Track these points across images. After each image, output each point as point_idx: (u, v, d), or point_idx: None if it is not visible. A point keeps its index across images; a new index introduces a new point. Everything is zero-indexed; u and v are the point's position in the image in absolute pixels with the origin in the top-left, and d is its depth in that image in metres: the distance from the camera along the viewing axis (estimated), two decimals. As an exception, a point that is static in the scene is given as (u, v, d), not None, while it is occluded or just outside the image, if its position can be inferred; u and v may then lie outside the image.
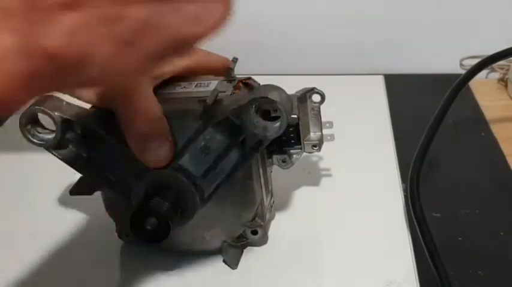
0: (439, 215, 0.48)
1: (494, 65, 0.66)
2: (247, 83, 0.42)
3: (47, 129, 0.39)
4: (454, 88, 0.52)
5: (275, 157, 0.43)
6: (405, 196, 0.47)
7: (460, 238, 0.46)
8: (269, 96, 0.36)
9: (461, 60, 0.70)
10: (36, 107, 0.38)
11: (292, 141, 0.43)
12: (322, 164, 0.53)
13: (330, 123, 0.44)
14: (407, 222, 0.46)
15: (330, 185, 0.51)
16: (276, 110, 0.37)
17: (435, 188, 0.51)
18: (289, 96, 0.38)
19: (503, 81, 0.67)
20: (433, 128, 0.50)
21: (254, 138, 0.37)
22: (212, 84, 0.41)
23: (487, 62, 0.54)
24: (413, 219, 0.44)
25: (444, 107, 0.51)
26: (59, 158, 0.40)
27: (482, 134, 0.59)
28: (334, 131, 0.45)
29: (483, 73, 0.65)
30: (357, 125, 0.59)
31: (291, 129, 0.42)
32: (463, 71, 0.55)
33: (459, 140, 0.58)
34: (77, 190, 0.43)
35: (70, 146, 0.40)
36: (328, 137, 0.44)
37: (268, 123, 0.37)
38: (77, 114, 0.38)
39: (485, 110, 0.62)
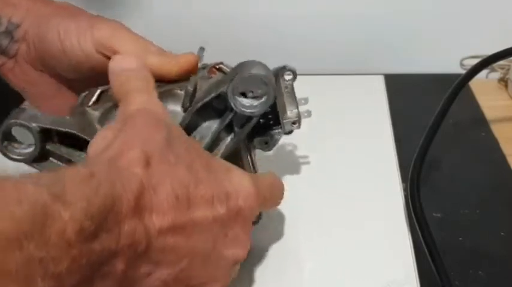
0: (439, 215, 0.48)
1: (495, 65, 0.65)
2: (220, 68, 0.41)
3: (23, 143, 0.38)
4: (455, 88, 0.52)
5: (256, 140, 0.43)
6: (405, 196, 0.47)
7: (460, 238, 0.46)
8: (255, 72, 0.35)
9: (462, 60, 0.70)
10: (12, 120, 0.37)
11: (271, 122, 0.42)
12: (322, 164, 0.53)
13: (306, 100, 0.44)
14: (407, 222, 0.46)
15: (329, 185, 0.51)
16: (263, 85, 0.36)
17: (435, 188, 0.51)
18: (268, 69, 0.37)
19: (503, 81, 0.67)
20: (433, 128, 0.50)
21: (242, 118, 0.37)
22: None
23: (487, 62, 0.54)
24: (413, 219, 0.44)
25: (444, 107, 0.51)
26: (41, 171, 0.38)
27: (483, 134, 0.59)
28: (310, 107, 0.43)
29: (483, 73, 0.65)
30: (357, 125, 0.59)
31: (268, 110, 0.41)
32: (463, 71, 0.55)
33: (459, 140, 0.58)
34: None
35: (51, 158, 0.38)
36: (305, 114, 0.43)
37: (255, 101, 0.36)
38: (54, 123, 0.37)
39: (486, 110, 0.62)
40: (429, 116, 0.51)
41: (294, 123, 0.42)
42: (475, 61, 0.55)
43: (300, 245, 0.45)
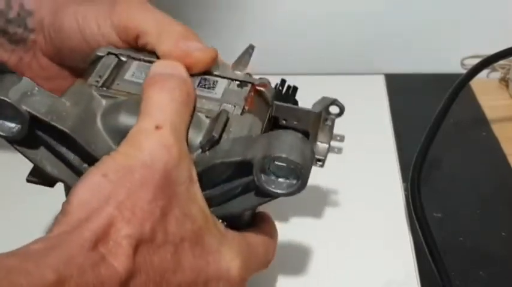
0: (440, 215, 0.48)
1: (496, 65, 0.65)
2: (262, 93, 0.35)
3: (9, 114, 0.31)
4: (455, 88, 0.52)
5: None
6: (406, 196, 0.47)
7: (461, 238, 0.46)
8: (292, 158, 0.29)
9: (462, 59, 0.70)
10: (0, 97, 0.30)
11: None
12: (323, 164, 0.53)
13: (342, 137, 0.40)
14: (408, 222, 0.46)
15: (330, 185, 0.51)
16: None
17: (436, 187, 0.51)
18: (311, 148, 0.31)
19: (504, 80, 0.67)
20: (434, 128, 0.50)
21: (262, 191, 0.31)
22: (219, 86, 0.34)
23: (488, 62, 0.54)
24: (414, 219, 0.44)
25: (445, 107, 0.51)
26: (29, 159, 0.33)
27: (483, 133, 0.58)
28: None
29: (484, 73, 0.65)
30: (358, 125, 0.58)
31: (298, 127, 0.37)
32: (464, 71, 0.54)
33: (460, 140, 0.58)
34: (37, 177, 0.35)
35: (42, 147, 0.33)
36: (336, 150, 0.40)
37: (283, 182, 0.30)
38: (49, 111, 0.31)
39: (486, 109, 0.62)
40: (430, 115, 0.51)
41: (318, 160, 0.38)
42: (475, 61, 0.55)
43: (300, 246, 0.45)
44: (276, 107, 0.35)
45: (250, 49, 0.37)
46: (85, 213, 0.26)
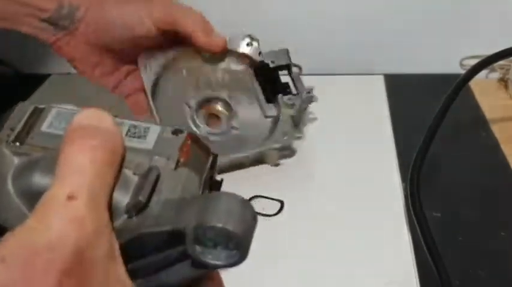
0: (439, 214, 0.48)
1: (495, 65, 0.65)
2: (198, 141, 0.31)
3: None
4: (455, 88, 0.52)
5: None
6: (405, 196, 0.47)
7: (460, 238, 0.46)
8: (229, 227, 0.25)
9: (462, 60, 0.70)
10: None
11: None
12: (322, 164, 0.53)
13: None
14: (407, 221, 0.46)
15: (330, 185, 0.51)
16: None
17: (435, 187, 0.51)
18: (252, 212, 0.27)
19: (503, 81, 0.67)
20: (433, 128, 0.50)
21: (198, 262, 0.27)
22: (151, 133, 0.31)
23: (487, 62, 0.54)
24: (413, 219, 0.44)
25: (444, 107, 0.51)
26: None
27: (483, 133, 0.58)
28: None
29: (483, 73, 0.65)
30: (357, 125, 0.59)
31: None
32: (463, 71, 0.55)
33: (459, 140, 0.58)
34: None
35: None
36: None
37: (221, 252, 0.26)
38: None
39: (486, 109, 0.62)
40: (429, 116, 0.51)
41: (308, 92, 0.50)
42: (474, 61, 0.55)
43: (300, 245, 0.45)
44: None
45: (253, 39, 0.54)
46: None
